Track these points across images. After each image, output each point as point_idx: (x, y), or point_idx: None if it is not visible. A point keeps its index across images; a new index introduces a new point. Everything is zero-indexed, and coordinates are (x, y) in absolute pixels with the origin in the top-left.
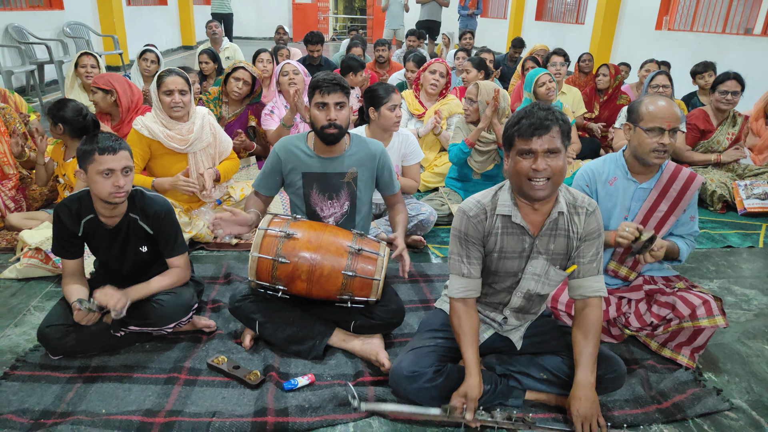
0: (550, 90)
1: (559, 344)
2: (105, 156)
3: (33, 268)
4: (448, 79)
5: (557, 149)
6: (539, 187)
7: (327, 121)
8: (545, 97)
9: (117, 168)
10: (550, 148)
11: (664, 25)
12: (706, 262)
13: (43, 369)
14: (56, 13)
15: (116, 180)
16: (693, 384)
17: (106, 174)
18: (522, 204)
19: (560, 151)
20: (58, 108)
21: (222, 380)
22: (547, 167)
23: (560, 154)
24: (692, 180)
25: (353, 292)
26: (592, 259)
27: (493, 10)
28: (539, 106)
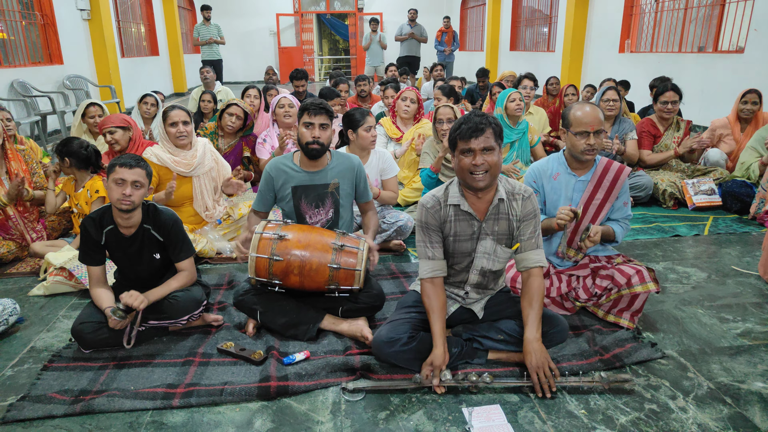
0: (518, 106)
1: (513, 311)
2: (122, 168)
3: (58, 285)
4: (420, 105)
5: (491, 147)
6: (479, 178)
7: (312, 138)
8: (513, 111)
9: (128, 179)
10: (486, 146)
11: (627, 48)
12: (655, 249)
13: (77, 360)
14: (56, 68)
15: (125, 188)
16: (632, 340)
17: (119, 183)
18: (468, 194)
19: (494, 149)
20: (63, 145)
21: (231, 360)
22: (484, 162)
23: (494, 151)
24: (621, 170)
25: (339, 282)
26: (531, 236)
27: (470, 44)
28: (475, 113)
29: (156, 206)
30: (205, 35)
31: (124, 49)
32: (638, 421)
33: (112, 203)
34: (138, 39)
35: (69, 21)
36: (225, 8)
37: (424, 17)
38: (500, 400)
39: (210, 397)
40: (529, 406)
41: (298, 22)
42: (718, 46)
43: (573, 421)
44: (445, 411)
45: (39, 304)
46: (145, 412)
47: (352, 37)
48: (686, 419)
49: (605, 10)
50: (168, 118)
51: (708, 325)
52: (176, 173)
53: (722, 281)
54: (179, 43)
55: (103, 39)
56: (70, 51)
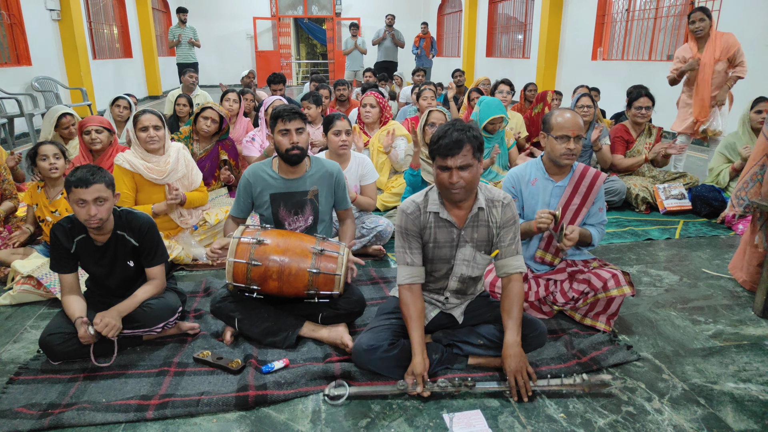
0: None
1: (492, 315)
2: (78, 189)
3: (26, 294)
4: (382, 107)
5: (469, 164)
6: (455, 193)
7: (291, 144)
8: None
9: (89, 199)
10: (463, 164)
11: (599, 56)
12: (628, 253)
13: (45, 373)
14: (24, 69)
15: (89, 209)
16: (608, 343)
17: (81, 203)
18: (448, 203)
19: (472, 165)
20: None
21: (207, 370)
22: (461, 179)
23: (472, 167)
24: (597, 177)
25: (319, 287)
26: (511, 242)
27: (447, 50)
28: (456, 126)
29: (130, 210)
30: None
31: (96, 50)
32: (616, 424)
33: (81, 220)
34: (111, 41)
35: (37, 21)
36: (201, 11)
37: (401, 23)
38: (481, 405)
39: (186, 408)
40: (509, 411)
41: (275, 26)
42: None
43: (552, 425)
44: (426, 417)
45: (5, 314)
46: (118, 425)
47: (330, 42)
48: (662, 421)
49: (578, 17)
50: (138, 123)
51: (681, 327)
52: (148, 180)
53: (694, 284)
54: (153, 46)
55: (73, 40)
56: (39, 52)
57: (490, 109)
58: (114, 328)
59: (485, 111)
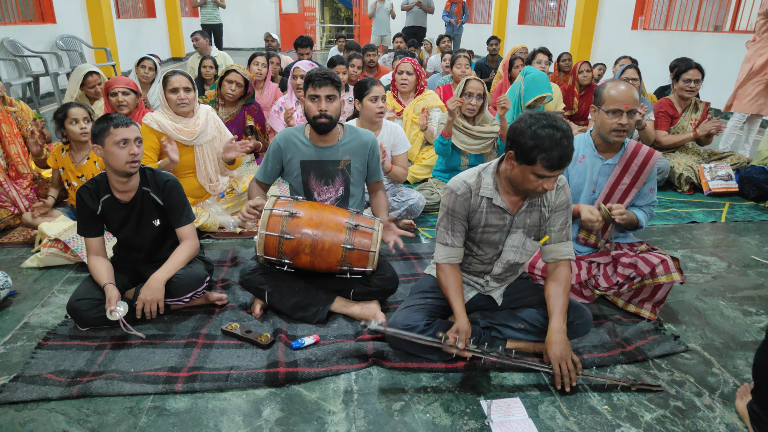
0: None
1: (535, 299)
2: (120, 128)
3: (53, 257)
4: (418, 75)
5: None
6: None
7: (318, 112)
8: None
9: (131, 138)
10: (560, 176)
11: (640, 25)
12: (672, 236)
13: (73, 339)
14: (48, 27)
15: (131, 149)
16: (654, 332)
17: (123, 144)
18: (504, 186)
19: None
20: (63, 113)
21: (236, 343)
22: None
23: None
24: (651, 155)
25: (352, 263)
26: (562, 228)
27: (476, 16)
28: (566, 134)
29: (153, 169)
30: None
31: (120, 10)
32: (664, 419)
33: (117, 168)
34: (134, 0)
35: None
36: None
37: None
38: (520, 393)
39: (215, 382)
40: (550, 401)
41: None
42: (736, 26)
43: (596, 418)
44: (463, 403)
45: (33, 277)
46: (146, 396)
47: (356, 5)
48: (713, 418)
49: None
50: (168, 84)
51: (731, 318)
52: (177, 141)
53: (743, 272)
54: (177, 6)
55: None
56: (64, 10)
57: (537, 85)
58: (156, 307)
59: (531, 87)
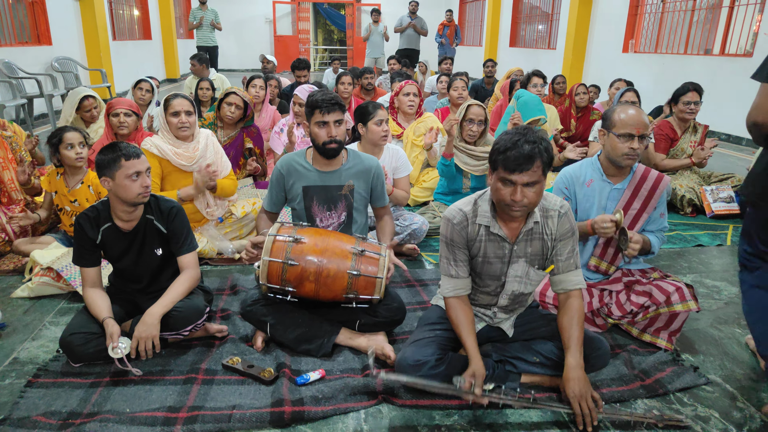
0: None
1: (548, 330)
2: (132, 161)
3: (45, 287)
4: (421, 98)
5: (536, 182)
6: (515, 211)
7: (328, 138)
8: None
9: (143, 169)
10: (530, 181)
11: (631, 48)
12: (679, 260)
13: (65, 376)
14: (45, 49)
15: (144, 181)
16: (672, 363)
17: (135, 177)
18: (501, 214)
19: (539, 182)
20: (59, 137)
21: (237, 379)
22: (525, 197)
23: (539, 185)
24: (660, 180)
25: (358, 291)
26: (569, 256)
27: (469, 38)
28: (527, 138)
29: (156, 195)
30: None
31: (116, 31)
32: None
33: (128, 200)
34: (130, 22)
35: (58, 0)
36: None
37: (423, 11)
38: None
39: (217, 423)
40: None
41: (294, 11)
42: (726, 49)
43: None
44: None
45: (23, 308)
46: None
47: (349, 28)
48: None
49: (609, 8)
50: (170, 107)
51: (749, 347)
52: (176, 166)
53: None
54: (173, 28)
55: (94, 20)
56: (60, 32)
57: (529, 109)
58: (152, 345)
59: (524, 111)
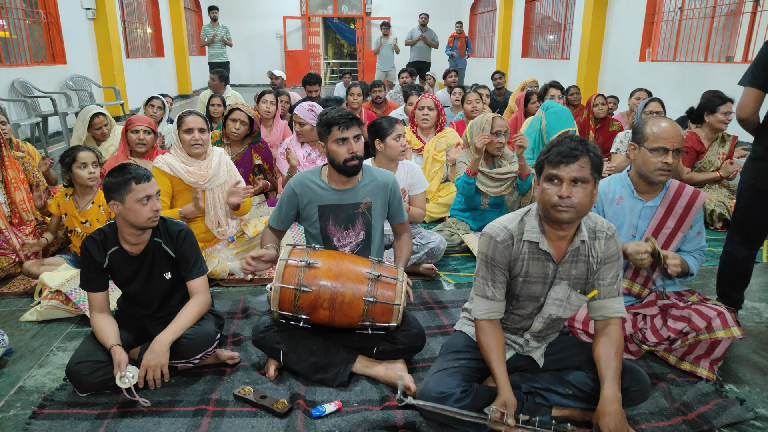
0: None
1: (581, 360)
2: (142, 184)
3: (53, 310)
4: (439, 111)
5: (585, 179)
6: (562, 211)
7: (350, 154)
8: None
9: (153, 193)
10: (577, 176)
11: (648, 57)
12: (712, 279)
13: (72, 407)
14: (59, 68)
15: (154, 205)
16: (715, 395)
17: (145, 201)
18: (548, 230)
19: (588, 182)
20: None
21: (250, 410)
22: (572, 195)
23: (587, 185)
24: (696, 196)
25: (375, 318)
26: (612, 282)
27: (479, 50)
28: (571, 137)
29: (164, 217)
30: (212, 35)
31: (129, 49)
32: None
33: (137, 224)
34: (143, 40)
35: (74, 20)
36: (232, 10)
37: (434, 23)
38: None
39: None
40: None
41: (305, 26)
42: (749, 56)
43: None
44: None
45: (31, 333)
46: None
47: (359, 41)
48: None
49: (625, 16)
50: (183, 124)
51: None
52: (188, 185)
53: None
54: (185, 45)
55: (108, 39)
56: (74, 51)
57: (560, 120)
58: (161, 374)
59: (554, 122)
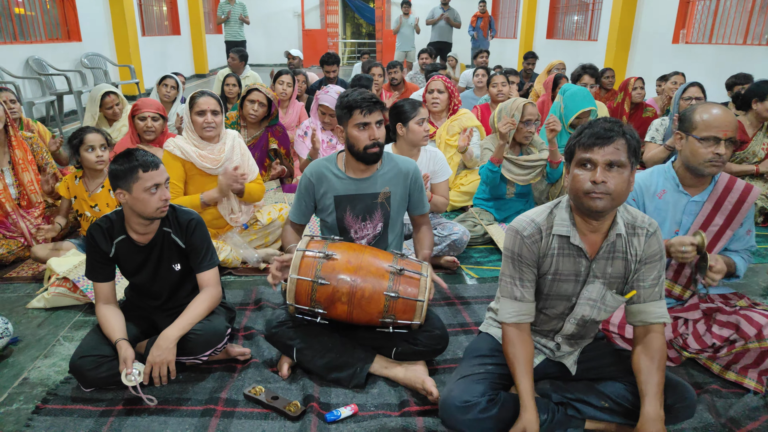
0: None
1: (619, 369)
2: (150, 172)
3: (61, 297)
4: (450, 93)
5: (621, 163)
6: (595, 198)
7: (371, 141)
8: None
9: (162, 181)
10: (613, 160)
11: (681, 39)
12: (754, 278)
13: (75, 402)
14: (74, 45)
15: (163, 194)
16: (765, 410)
17: (154, 190)
18: (580, 223)
19: (624, 166)
20: (79, 139)
21: (261, 411)
22: (607, 181)
23: (624, 170)
24: (749, 191)
25: (396, 315)
26: (654, 283)
27: (502, 30)
28: (605, 119)
29: (174, 205)
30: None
31: (145, 27)
32: None
33: (146, 214)
34: (159, 17)
35: None
36: None
37: (455, 1)
38: None
39: None
40: None
41: (323, 4)
42: None
43: None
44: None
45: (38, 320)
46: None
47: (378, 21)
48: None
49: None
50: (195, 105)
51: None
52: (200, 169)
53: None
54: (201, 23)
55: (123, 16)
56: (89, 28)
57: (577, 100)
58: (167, 370)
59: (572, 103)
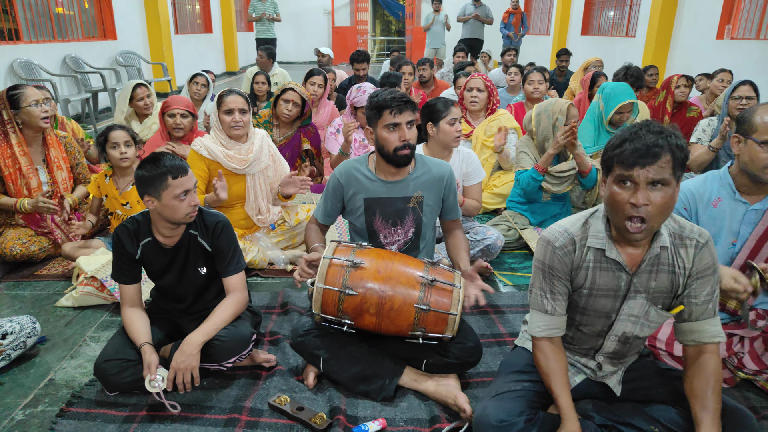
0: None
1: (668, 392)
2: (179, 179)
3: (88, 296)
4: (490, 92)
5: (666, 181)
6: (635, 229)
7: (401, 142)
8: None
9: (191, 187)
10: (656, 179)
11: (726, 34)
12: None
13: (99, 406)
14: (110, 43)
15: (192, 199)
16: None
17: (183, 196)
18: (618, 236)
19: (669, 184)
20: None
21: (285, 423)
22: (649, 203)
23: (668, 188)
24: None
25: (426, 328)
26: (707, 299)
27: (535, 27)
28: (649, 128)
29: (201, 208)
30: (260, 11)
31: (179, 25)
32: None
33: (176, 220)
34: (192, 15)
35: None
36: None
37: None
38: None
39: None
40: None
41: (353, 1)
42: None
43: None
44: None
45: (65, 319)
46: None
47: (408, 18)
48: None
49: None
50: (223, 104)
51: None
52: (228, 170)
53: None
54: (233, 21)
55: (157, 15)
56: (125, 26)
57: (616, 95)
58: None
59: (611, 98)
